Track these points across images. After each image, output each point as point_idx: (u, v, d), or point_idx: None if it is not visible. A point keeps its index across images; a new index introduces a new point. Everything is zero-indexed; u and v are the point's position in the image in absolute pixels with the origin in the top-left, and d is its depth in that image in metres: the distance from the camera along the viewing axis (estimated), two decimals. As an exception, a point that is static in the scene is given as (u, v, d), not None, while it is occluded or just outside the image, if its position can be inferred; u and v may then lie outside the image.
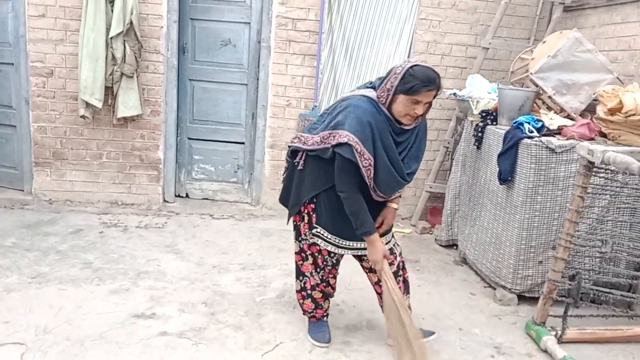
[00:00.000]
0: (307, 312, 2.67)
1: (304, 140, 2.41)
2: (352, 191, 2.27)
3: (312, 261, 2.56)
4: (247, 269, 3.42)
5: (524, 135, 3.03)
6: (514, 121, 3.18)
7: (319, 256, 2.52)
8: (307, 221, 2.46)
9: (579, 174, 2.61)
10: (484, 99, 3.69)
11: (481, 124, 3.53)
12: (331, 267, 2.57)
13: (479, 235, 3.50)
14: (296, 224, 2.54)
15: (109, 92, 4.08)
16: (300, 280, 2.64)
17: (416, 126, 2.32)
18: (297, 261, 2.63)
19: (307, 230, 2.47)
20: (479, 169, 3.57)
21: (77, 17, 4.02)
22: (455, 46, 4.46)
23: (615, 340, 2.78)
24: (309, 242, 2.50)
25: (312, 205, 2.42)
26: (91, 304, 2.82)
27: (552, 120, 3.20)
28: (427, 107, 2.25)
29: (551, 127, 3.13)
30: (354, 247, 2.45)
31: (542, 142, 2.97)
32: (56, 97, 4.21)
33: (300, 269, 2.62)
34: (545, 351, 2.67)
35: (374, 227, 2.32)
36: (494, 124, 3.47)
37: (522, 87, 3.70)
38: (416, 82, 2.15)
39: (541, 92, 3.38)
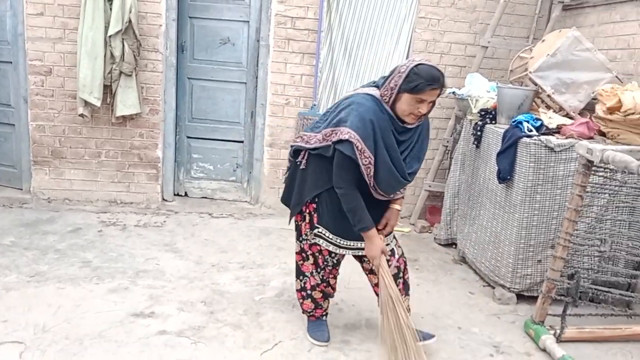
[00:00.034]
0: (306, 312, 2.67)
1: (306, 139, 2.41)
2: (349, 188, 2.26)
3: (313, 261, 2.55)
4: (246, 268, 3.42)
5: (523, 134, 3.03)
6: (513, 120, 3.18)
7: (320, 256, 2.52)
8: (308, 221, 2.46)
9: (578, 173, 2.61)
10: (483, 97, 3.69)
11: (480, 123, 3.53)
12: (331, 267, 2.57)
13: (478, 234, 3.50)
14: (297, 224, 2.54)
15: (108, 90, 4.07)
16: (300, 280, 2.64)
17: (419, 125, 2.31)
18: (298, 261, 2.62)
19: (308, 230, 2.47)
20: (478, 167, 3.57)
21: (76, 15, 4.01)
22: (454, 45, 4.46)
23: (614, 339, 2.78)
24: (310, 242, 2.50)
25: (314, 205, 2.42)
26: (90, 303, 2.82)
27: (551, 119, 3.20)
28: (431, 106, 2.24)
29: (550, 126, 3.13)
30: (355, 247, 2.44)
31: (541, 141, 2.97)
32: (55, 95, 4.20)
33: (300, 268, 2.62)
34: (544, 350, 2.67)
35: (372, 223, 2.31)
36: (493, 122, 3.47)
37: (521, 85, 3.70)
38: (421, 81, 2.14)
39: (540, 91, 3.38)
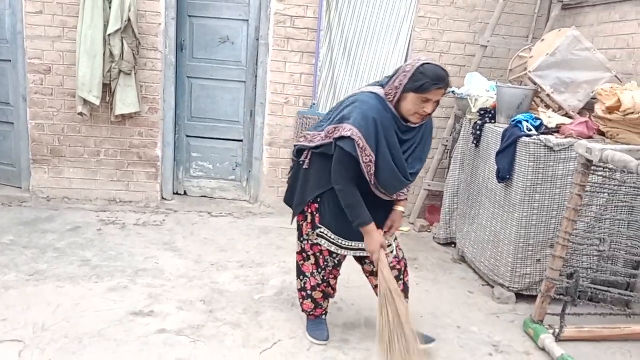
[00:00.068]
0: (306, 311, 2.67)
1: (310, 138, 2.41)
2: (347, 185, 2.25)
3: (314, 261, 2.55)
4: (245, 267, 3.42)
5: (523, 133, 3.03)
6: (513, 119, 3.18)
7: (321, 257, 2.52)
8: (310, 221, 2.46)
9: (577, 173, 2.61)
10: (483, 97, 3.69)
11: (480, 122, 3.53)
12: (332, 267, 2.56)
13: (477, 233, 3.50)
14: (299, 224, 2.53)
15: (107, 89, 4.07)
16: (300, 280, 2.63)
17: (422, 125, 2.31)
18: (299, 261, 2.62)
19: (310, 230, 2.47)
20: (478, 167, 3.57)
21: (75, 14, 4.00)
22: (453, 44, 4.46)
23: (613, 338, 2.78)
24: (311, 243, 2.49)
25: (316, 205, 2.42)
26: (89, 302, 2.82)
27: (550, 118, 3.20)
28: (435, 105, 2.24)
29: (549, 126, 3.13)
30: (357, 247, 2.43)
31: (540, 140, 2.97)
32: (54, 94, 4.20)
33: (301, 269, 2.61)
34: (543, 349, 2.67)
35: (370, 219, 2.29)
36: (493, 122, 3.47)
37: (521, 85, 3.70)
38: (427, 81, 2.14)
39: (540, 90, 3.38)
